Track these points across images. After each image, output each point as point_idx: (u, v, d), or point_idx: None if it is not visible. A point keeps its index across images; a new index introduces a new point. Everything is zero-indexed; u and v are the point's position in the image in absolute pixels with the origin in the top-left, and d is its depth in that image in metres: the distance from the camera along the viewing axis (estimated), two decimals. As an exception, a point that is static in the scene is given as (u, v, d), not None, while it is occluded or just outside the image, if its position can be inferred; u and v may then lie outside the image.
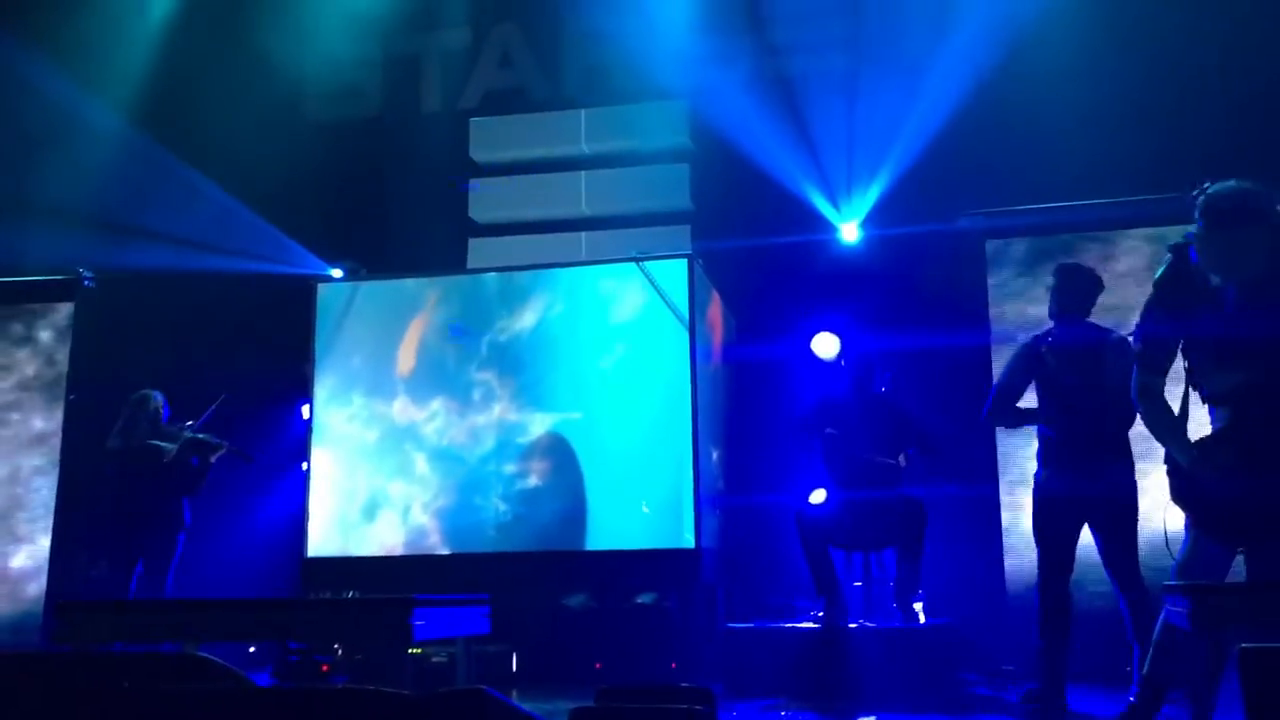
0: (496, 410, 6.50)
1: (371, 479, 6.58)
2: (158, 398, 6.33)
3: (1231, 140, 6.03)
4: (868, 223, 7.08)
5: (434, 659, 5.72)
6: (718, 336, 6.97)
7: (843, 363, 6.14)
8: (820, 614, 5.37)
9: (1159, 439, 3.43)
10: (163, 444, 6.18)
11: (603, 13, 7.62)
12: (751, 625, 5.56)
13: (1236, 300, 3.29)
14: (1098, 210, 6.40)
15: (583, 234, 7.55)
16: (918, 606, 5.35)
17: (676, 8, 7.40)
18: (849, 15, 7.40)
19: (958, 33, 6.67)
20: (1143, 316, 3.48)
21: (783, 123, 7.16)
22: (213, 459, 6.24)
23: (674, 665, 5.91)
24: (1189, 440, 3.39)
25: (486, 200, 7.78)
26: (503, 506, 6.38)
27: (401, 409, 6.63)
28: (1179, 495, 3.45)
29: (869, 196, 7.06)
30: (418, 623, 3.94)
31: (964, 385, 5.91)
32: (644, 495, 6.22)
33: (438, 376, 6.62)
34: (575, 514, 6.29)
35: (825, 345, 6.63)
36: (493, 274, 6.82)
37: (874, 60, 7.18)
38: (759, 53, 7.49)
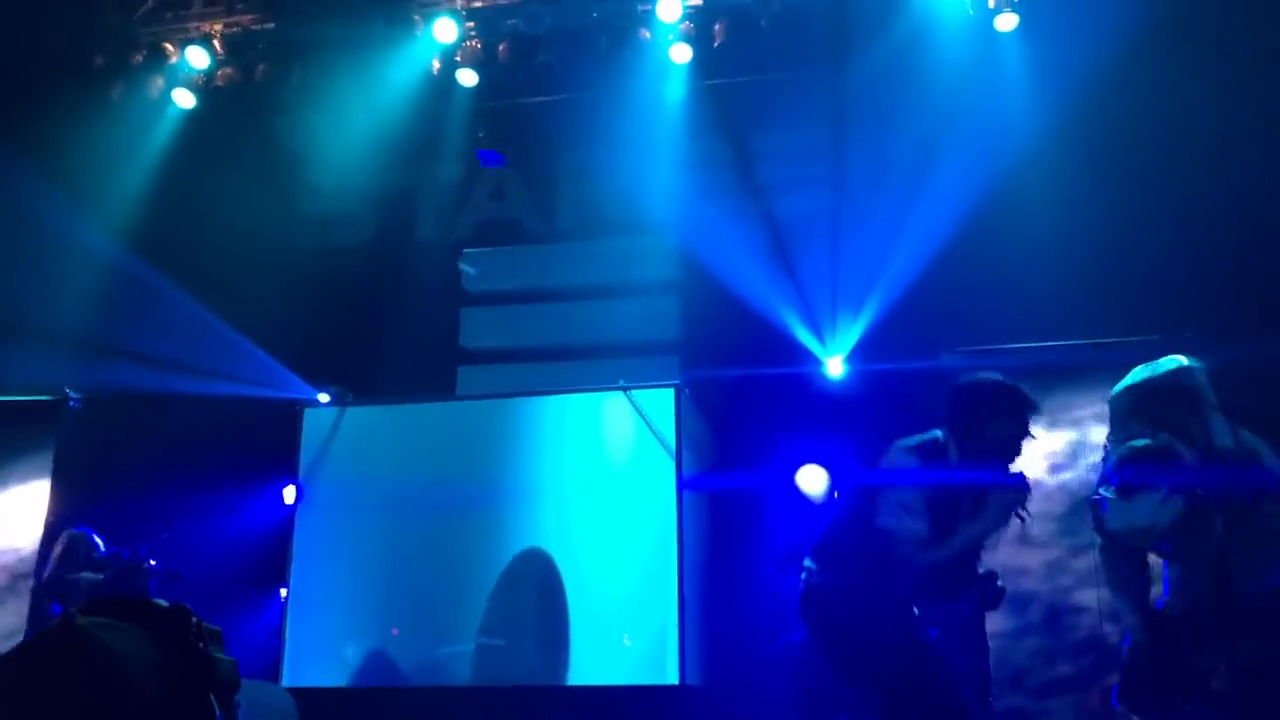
0: (480, 539, 6.45)
1: (351, 608, 6.47)
2: (79, 534, 6.28)
3: (1210, 285, 6.20)
4: (852, 357, 7.17)
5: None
6: (705, 466, 6.97)
7: (835, 494, 6.15)
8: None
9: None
10: (87, 575, 6.09)
11: (594, 149, 7.84)
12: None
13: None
14: (1080, 351, 6.50)
15: (572, 363, 7.61)
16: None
17: (666, 145, 7.61)
18: (833, 156, 7.61)
19: (940, 174, 6.87)
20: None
21: (769, 257, 7.30)
22: (149, 583, 6.15)
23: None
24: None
25: (477, 328, 7.85)
26: (484, 638, 6.27)
27: (383, 537, 6.56)
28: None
29: (853, 332, 7.16)
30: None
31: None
32: (627, 628, 6.13)
33: (421, 504, 6.56)
34: (558, 647, 6.19)
35: (811, 479, 6.63)
36: (480, 401, 6.85)
37: (858, 199, 7.37)
38: (746, 190, 7.68)
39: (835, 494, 6.20)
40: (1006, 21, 6.97)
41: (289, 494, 6.79)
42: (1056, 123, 6.65)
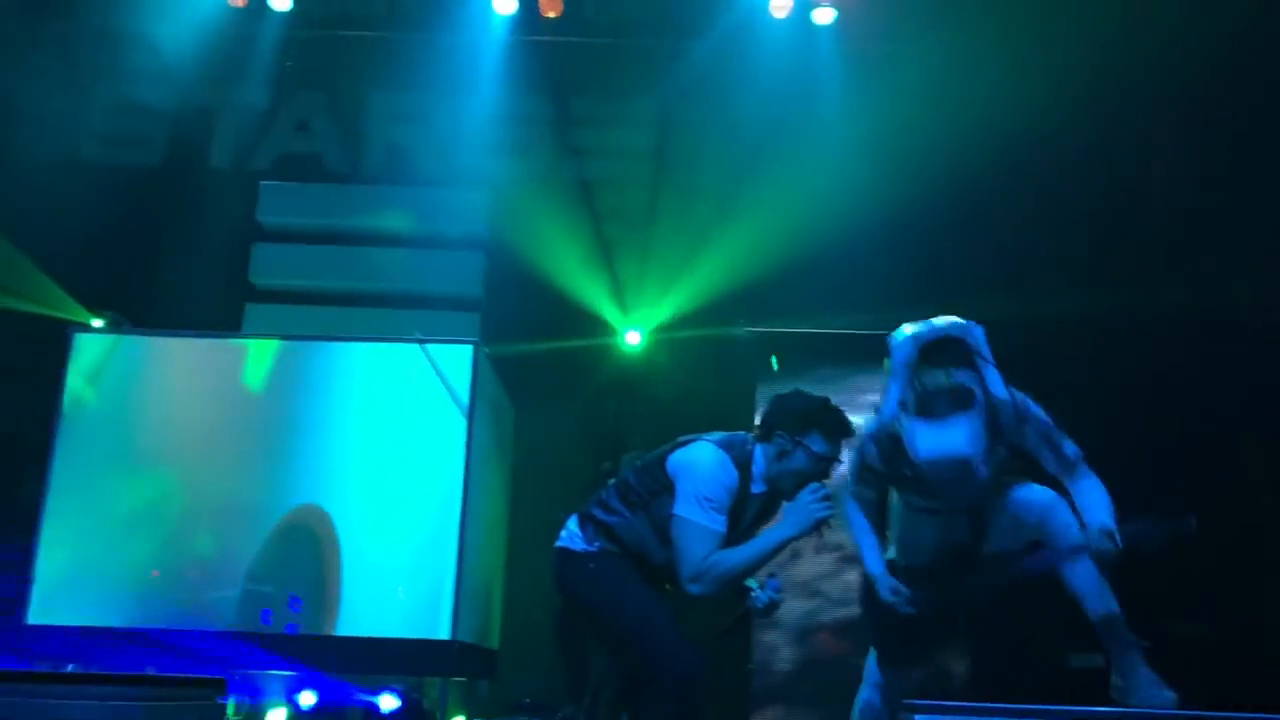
0: (256, 481, 6.22)
1: (109, 544, 6.14)
2: None
3: (989, 275, 6.59)
4: (650, 329, 7.27)
5: (157, 743, 5.33)
6: (499, 427, 6.94)
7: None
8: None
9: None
10: None
11: (409, 93, 7.66)
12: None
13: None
14: (876, 340, 6.74)
15: (369, 310, 7.43)
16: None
17: (484, 98, 7.50)
18: (650, 127, 7.68)
19: (759, 158, 7.02)
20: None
21: (580, 223, 7.32)
22: None
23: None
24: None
25: (269, 265, 7.56)
26: (252, 584, 6.08)
27: (152, 474, 6.26)
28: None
29: (658, 306, 7.26)
30: (144, 702, 3.69)
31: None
32: (403, 581, 6.05)
33: (193, 443, 6.28)
34: (329, 595, 6.06)
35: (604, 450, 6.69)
36: (267, 340, 6.60)
37: (676, 173, 7.47)
38: (561, 153, 7.67)
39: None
40: (823, 15, 7.19)
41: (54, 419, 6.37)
42: (869, 116, 6.88)
